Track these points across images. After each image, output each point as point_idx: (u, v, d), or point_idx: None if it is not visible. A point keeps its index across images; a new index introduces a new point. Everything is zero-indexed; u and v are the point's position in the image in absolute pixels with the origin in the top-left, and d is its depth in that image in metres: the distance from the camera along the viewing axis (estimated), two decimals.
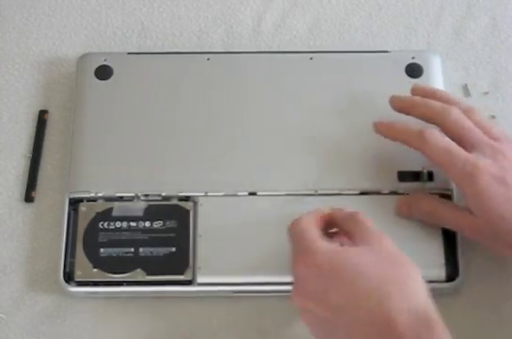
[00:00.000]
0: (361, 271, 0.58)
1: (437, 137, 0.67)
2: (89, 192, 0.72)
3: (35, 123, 0.78)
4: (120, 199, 0.72)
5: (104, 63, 0.78)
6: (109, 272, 0.69)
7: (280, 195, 0.72)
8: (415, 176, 0.72)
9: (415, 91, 0.72)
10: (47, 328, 0.70)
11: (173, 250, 0.70)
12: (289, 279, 0.69)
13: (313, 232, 0.63)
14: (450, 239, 0.71)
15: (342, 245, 0.63)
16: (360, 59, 0.78)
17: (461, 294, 0.71)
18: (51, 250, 0.72)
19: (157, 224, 0.71)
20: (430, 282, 0.69)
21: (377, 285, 0.57)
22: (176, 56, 0.79)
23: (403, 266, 0.60)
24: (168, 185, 0.72)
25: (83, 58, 0.79)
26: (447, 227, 0.70)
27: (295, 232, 0.64)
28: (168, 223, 0.71)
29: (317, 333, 0.61)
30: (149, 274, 0.69)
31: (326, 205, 0.71)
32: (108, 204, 0.72)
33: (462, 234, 0.69)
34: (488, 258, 0.72)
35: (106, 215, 0.71)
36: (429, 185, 0.72)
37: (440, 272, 0.69)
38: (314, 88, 0.77)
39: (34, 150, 0.77)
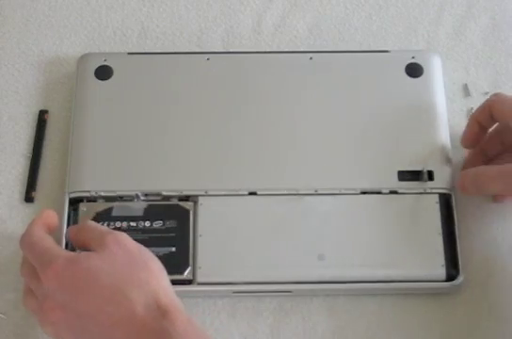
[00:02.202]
0: (98, 277, 0.60)
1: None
2: (89, 192, 0.72)
3: (35, 123, 0.78)
4: (120, 199, 0.72)
5: (104, 63, 0.78)
6: None
7: (280, 195, 0.72)
8: (415, 175, 0.72)
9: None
10: None
11: (173, 249, 0.70)
12: (289, 278, 0.69)
13: (46, 241, 0.64)
14: (450, 239, 0.71)
15: None
16: (360, 59, 0.78)
17: (461, 294, 0.71)
18: None
19: (157, 224, 0.71)
20: (430, 281, 0.69)
21: (116, 289, 0.60)
22: (176, 56, 0.79)
23: (144, 267, 0.62)
24: (169, 185, 0.72)
25: (83, 58, 0.79)
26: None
27: (27, 248, 0.64)
28: (167, 223, 0.71)
29: None
30: None
31: (326, 205, 0.71)
32: (108, 204, 0.72)
33: None
34: (488, 258, 0.72)
35: (106, 215, 0.71)
36: (429, 184, 0.72)
37: (440, 272, 0.69)
38: (314, 88, 0.77)
39: (34, 150, 0.77)
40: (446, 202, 0.72)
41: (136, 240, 0.70)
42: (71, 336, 0.62)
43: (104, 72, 0.77)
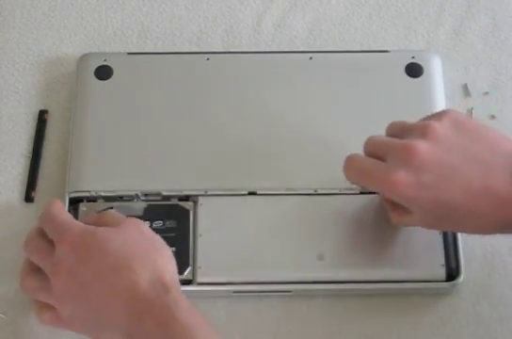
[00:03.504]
0: (109, 248, 0.62)
1: (353, 159, 0.66)
2: (89, 192, 0.72)
3: (35, 123, 0.78)
4: (120, 198, 0.72)
5: (104, 63, 0.78)
6: None
7: (279, 195, 0.72)
8: None
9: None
10: (46, 328, 0.70)
11: (173, 249, 0.69)
12: (289, 278, 0.69)
13: (65, 215, 0.66)
14: (450, 239, 0.71)
15: None
16: (360, 59, 0.78)
17: (461, 293, 0.71)
18: None
19: (157, 224, 0.71)
20: (430, 281, 0.69)
21: (123, 261, 0.61)
22: (176, 56, 0.79)
23: (155, 250, 0.64)
24: (168, 185, 0.72)
25: (83, 58, 0.79)
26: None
27: (47, 220, 0.66)
28: (167, 223, 0.71)
29: (75, 314, 0.62)
30: None
31: (326, 205, 0.71)
32: (108, 204, 0.72)
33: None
34: (488, 258, 0.72)
35: None
36: None
37: (440, 272, 0.69)
38: (314, 88, 0.77)
39: (34, 150, 0.77)
40: None
41: None
42: (69, 308, 0.62)
43: (103, 72, 0.77)
